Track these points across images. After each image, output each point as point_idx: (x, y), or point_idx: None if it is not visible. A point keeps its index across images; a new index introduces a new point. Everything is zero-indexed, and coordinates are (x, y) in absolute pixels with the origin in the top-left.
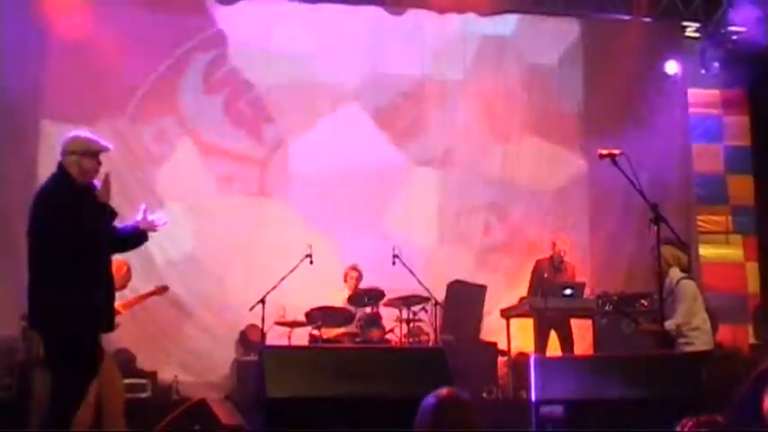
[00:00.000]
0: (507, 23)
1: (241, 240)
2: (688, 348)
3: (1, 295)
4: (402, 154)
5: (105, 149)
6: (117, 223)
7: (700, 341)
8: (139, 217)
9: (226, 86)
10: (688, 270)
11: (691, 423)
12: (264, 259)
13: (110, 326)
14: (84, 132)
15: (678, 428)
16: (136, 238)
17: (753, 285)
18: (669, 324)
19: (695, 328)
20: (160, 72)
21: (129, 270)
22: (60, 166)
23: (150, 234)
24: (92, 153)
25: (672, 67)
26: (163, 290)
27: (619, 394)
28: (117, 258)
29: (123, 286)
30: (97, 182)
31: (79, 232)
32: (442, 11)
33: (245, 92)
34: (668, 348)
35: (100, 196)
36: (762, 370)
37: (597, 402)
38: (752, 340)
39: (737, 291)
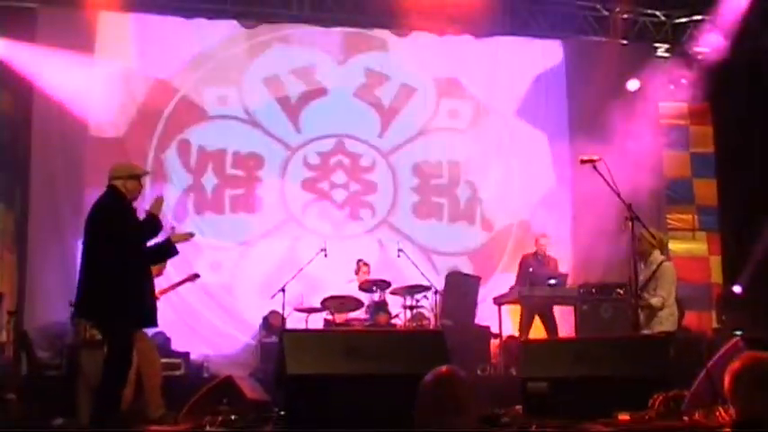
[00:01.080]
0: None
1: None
2: (658, 328)
3: (52, 285)
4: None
5: (146, 173)
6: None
7: (669, 322)
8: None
9: None
10: (665, 253)
11: (660, 398)
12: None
13: (154, 322)
14: (126, 163)
15: (649, 403)
16: (167, 250)
17: (716, 276)
18: (657, 301)
19: (669, 306)
20: None
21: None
22: (110, 188)
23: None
24: (135, 176)
25: (633, 84)
26: (194, 277)
27: (597, 372)
28: None
29: (159, 273)
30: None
31: (128, 237)
32: (441, 33)
33: None
34: (636, 329)
35: (152, 209)
36: (723, 352)
37: (577, 379)
38: (714, 325)
39: (702, 281)
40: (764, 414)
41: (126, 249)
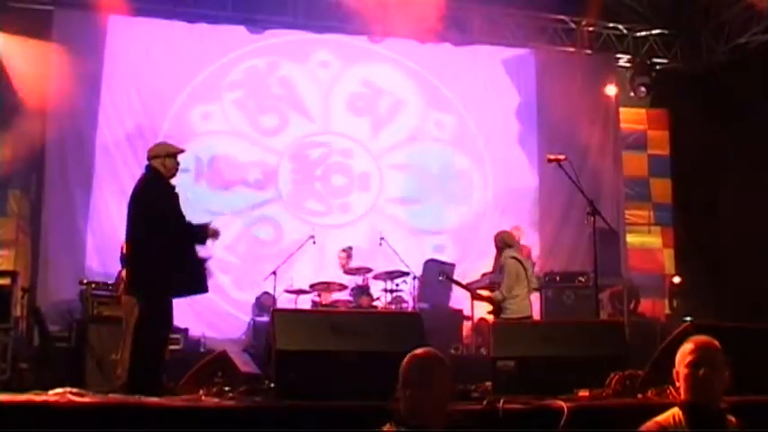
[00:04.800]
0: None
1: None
2: (505, 315)
3: (63, 265)
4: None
5: (182, 151)
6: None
7: (515, 308)
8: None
9: None
10: (517, 249)
11: (617, 377)
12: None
13: (204, 287)
14: (163, 141)
15: (607, 381)
16: (199, 237)
17: (669, 267)
18: (497, 294)
19: (514, 297)
20: None
21: None
22: (149, 167)
23: None
24: (172, 155)
25: (611, 89)
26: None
27: (560, 353)
28: None
29: None
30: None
31: (170, 214)
32: (423, 41)
33: None
34: (497, 314)
35: (209, 231)
36: (674, 335)
37: (542, 359)
38: (667, 311)
39: (656, 272)
40: (708, 393)
41: (167, 226)
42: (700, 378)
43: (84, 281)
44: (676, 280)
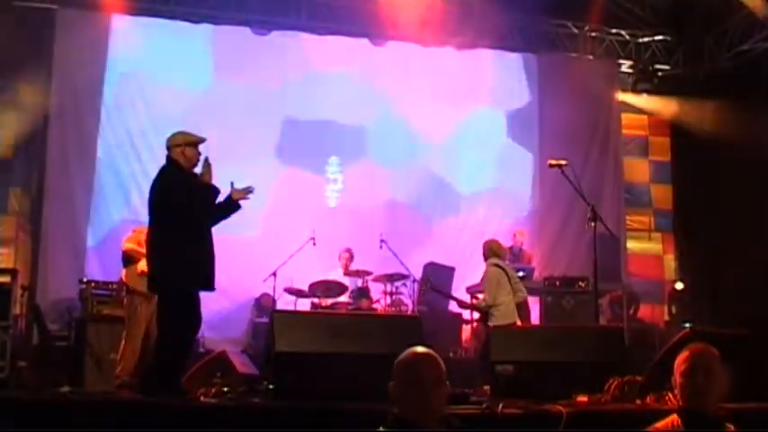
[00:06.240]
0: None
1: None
2: (491, 322)
3: (63, 263)
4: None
5: (203, 140)
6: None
7: (499, 315)
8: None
9: None
10: (504, 258)
11: (616, 382)
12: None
13: (211, 286)
14: (182, 130)
15: (605, 387)
16: (231, 207)
17: (669, 274)
18: (481, 303)
19: (499, 304)
20: None
21: None
22: (168, 158)
23: None
24: (192, 144)
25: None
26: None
27: (559, 358)
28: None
29: None
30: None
31: (190, 206)
32: (425, 44)
33: None
34: (485, 321)
35: (203, 177)
36: (673, 342)
37: (541, 363)
38: (666, 318)
39: (656, 278)
40: (705, 400)
41: (188, 219)
42: (697, 385)
43: (84, 280)
44: (679, 286)
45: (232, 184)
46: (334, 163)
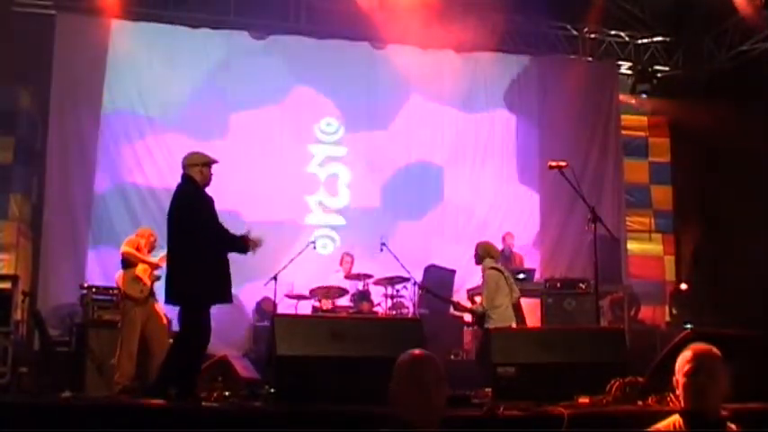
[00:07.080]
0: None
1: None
2: (489, 325)
3: (64, 269)
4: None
5: (216, 161)
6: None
7: (497, 318)
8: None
9: None
10: (497, 259)
11: (617, 383)
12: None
13: (228, 298)
14: (197, 150)
15: (607, 388)
16: (239, 246)
17: (669, 275)
18: (477, 307)
19: (497, 307)
20: None
21: (156, 238)
22: (186, 177)
23: None
24: (209, 164)
25: (625, 97)
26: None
27: (560, 359)
28: (144, 227)
29: (151, 251)
30: None
31: (214, 222)
32: (424, 47)
33: None
34: (481, 323)
35: (250, 242)
36: (674, 343)
37: (542, 365)
38: (667, 318)
39: (657, 279)
40: (707, 401)
41: (204, 235)
42: (699, 386)
43: (85, 285)
44: (683, 287)
45: (249, 231)
46: None
